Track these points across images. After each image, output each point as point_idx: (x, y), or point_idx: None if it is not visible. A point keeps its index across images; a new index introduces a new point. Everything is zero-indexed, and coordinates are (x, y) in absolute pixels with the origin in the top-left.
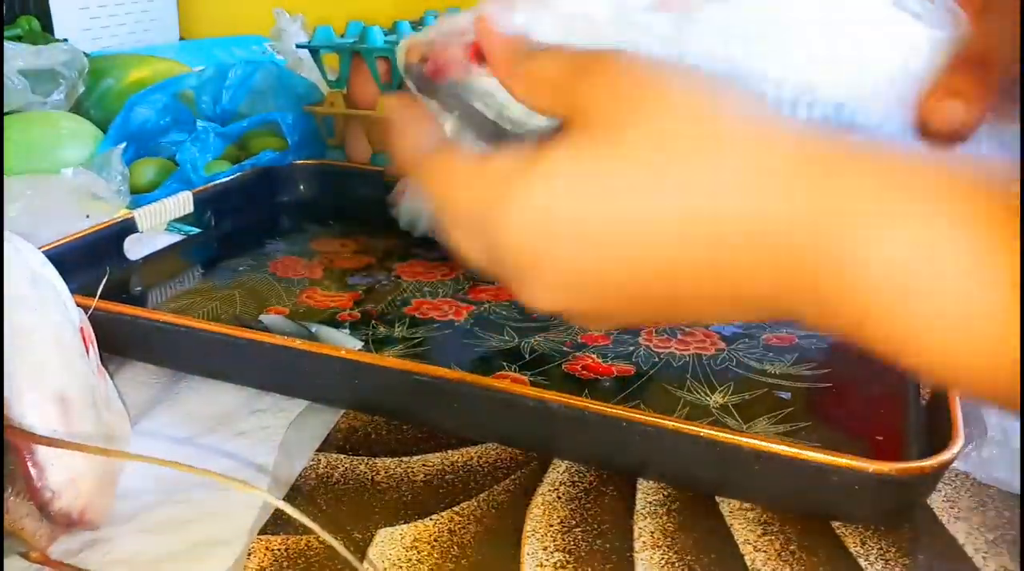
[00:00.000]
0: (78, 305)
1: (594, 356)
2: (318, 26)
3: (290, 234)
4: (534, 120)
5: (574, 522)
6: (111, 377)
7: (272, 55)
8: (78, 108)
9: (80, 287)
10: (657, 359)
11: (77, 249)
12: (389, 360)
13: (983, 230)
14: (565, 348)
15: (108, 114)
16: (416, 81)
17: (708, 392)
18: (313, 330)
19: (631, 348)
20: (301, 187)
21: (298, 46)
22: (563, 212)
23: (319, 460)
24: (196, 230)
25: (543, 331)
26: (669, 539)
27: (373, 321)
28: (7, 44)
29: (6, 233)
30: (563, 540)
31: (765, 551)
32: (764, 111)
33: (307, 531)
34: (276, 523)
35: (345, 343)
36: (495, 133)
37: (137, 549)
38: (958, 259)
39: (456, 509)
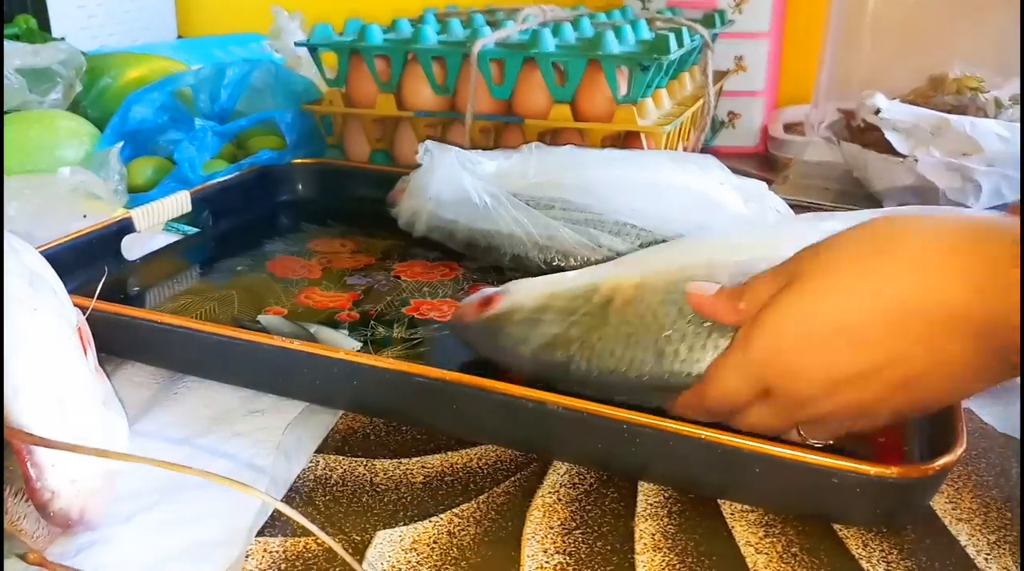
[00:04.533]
0: (76, 305)
1: None
2: (317, 24)
3: (288, 234)
4: None
5: (574, 524)
6: (109, 377)
7: (270, 53)
8: (75, 107)
9: (78, 287)
10: None
11: (74, 249)
12: (388, 361)
13: None
14: None
15: (105, 113)
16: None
17: None
18: (312, 331)
19: None
20: (299, 186)
21: (297, 44)
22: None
23: (317, 461)
24: (194, 230)
25: None
26: (670, 541)
27: (372, 322)
28: (5, 43)
29: (4, 233)
30: (563, 542)
31: (767, 553)
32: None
33: (305, 533)
34: (274, 525)
35: (344, 344)
36: None
37: (135, 550)
38: None
39: (455, 511)
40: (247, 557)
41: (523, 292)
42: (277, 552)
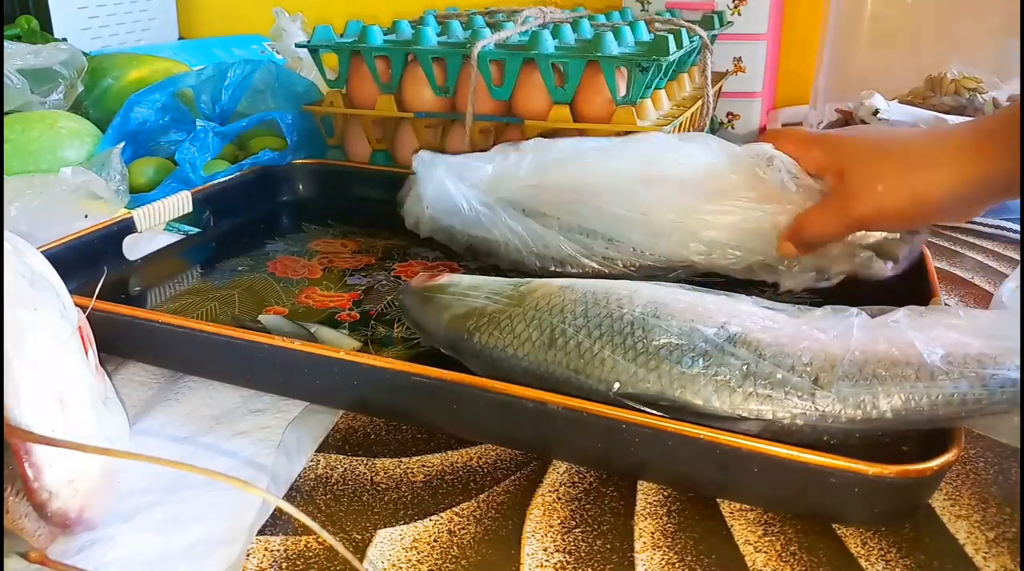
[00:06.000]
0: (77, 305)
1: None
2: (317, 25)
3: (289, 234)
4: None
5: (574, 523)
6: (110, 377)
7: (271, 54)
8: (77, 107)
9: (79, 287)
10: None
11: (76, 249)
12: (388, 361)
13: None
14: None
15: (107, 113)
16: None
17: None
18: (312, 330)
19: None
20: (300, 187)
21: (297, 45)
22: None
23: (318, 460)
24: (195, 230)
25: None
26: (670, 540)
27: (372, 321)
28: (6, 43)
29: (5, 233)
30: (563, 541)
31: (766, 552)
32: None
33: (306, 531)
34: (275, 524)
35: (344, 344)
36: None
37: (136, 549)
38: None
39: (456, 510)
40: (248, 555)
41: (467, 277)
42: (278, 551)
